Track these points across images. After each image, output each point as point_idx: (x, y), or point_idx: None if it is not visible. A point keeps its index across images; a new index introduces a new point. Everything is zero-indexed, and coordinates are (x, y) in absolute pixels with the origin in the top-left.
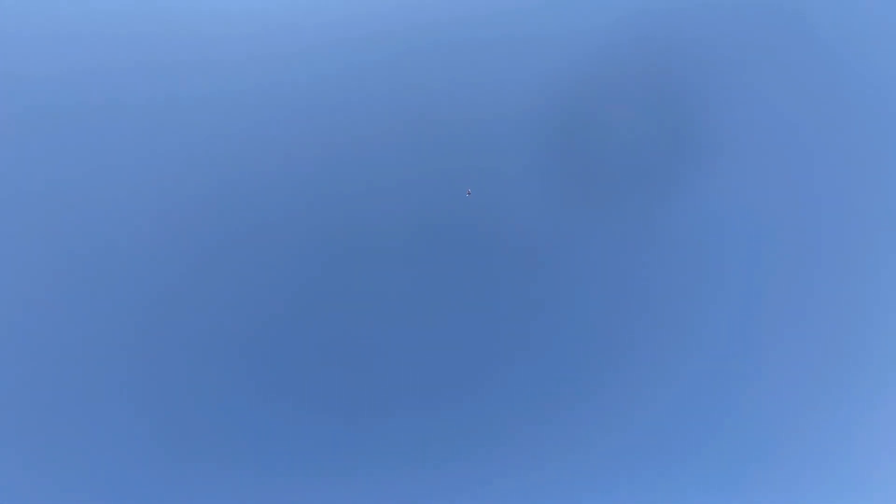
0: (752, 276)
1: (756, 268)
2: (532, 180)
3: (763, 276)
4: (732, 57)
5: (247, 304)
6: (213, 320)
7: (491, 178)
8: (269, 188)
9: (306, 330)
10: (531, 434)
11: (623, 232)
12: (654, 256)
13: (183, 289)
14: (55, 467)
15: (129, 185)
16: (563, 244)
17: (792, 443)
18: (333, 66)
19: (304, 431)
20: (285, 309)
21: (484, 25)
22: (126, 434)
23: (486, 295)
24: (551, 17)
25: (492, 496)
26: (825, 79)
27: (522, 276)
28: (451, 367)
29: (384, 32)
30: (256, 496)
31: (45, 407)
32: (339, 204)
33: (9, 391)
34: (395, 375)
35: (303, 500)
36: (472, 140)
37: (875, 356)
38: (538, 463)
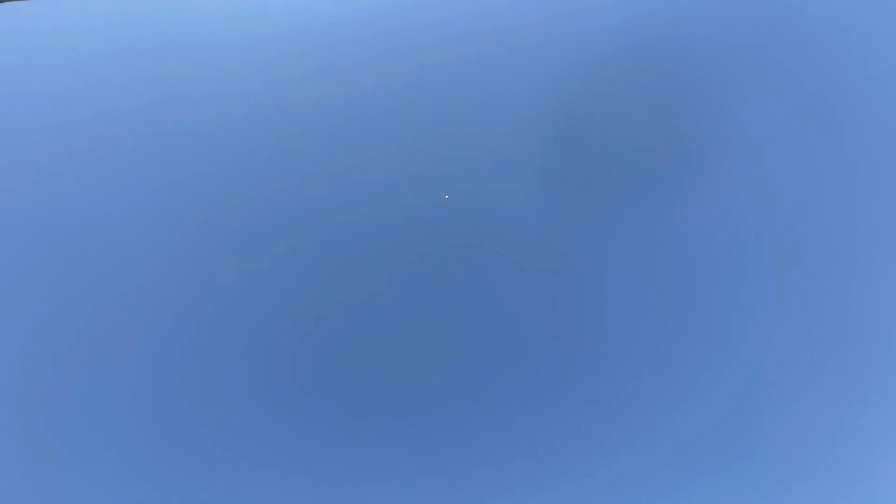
0: (759, 278)
1: (763, 269)
2: (534, 184)
3: (769, 279)
4: (735, 58)
5: (255, 309)
6: (219, 323)
7: (490, 182)
8: (272, 190)
9: (314, 334)
10: (535, 440)
11: (627, 235)
12: (660, 259)
13: (187, 290)
14: (60, 468)
15: (130, 190)
16: (567, 247)
17: (813, 449)
18: (331, 68)
19: (310, 434)
20: (295, 312)
21: (482, 27)
22: (126, 435)
23: (488, 299)
24: (551, 19)
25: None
26: (829, 79)
27: (525, 279)
28: (454, 372)
29: (380, 34)
30: (262, 498)
31: (51, 406)
32: (340, 207)
33: (10, 392)
34: (401, 381)
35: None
36: (473, 144)
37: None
38: (543, 471)
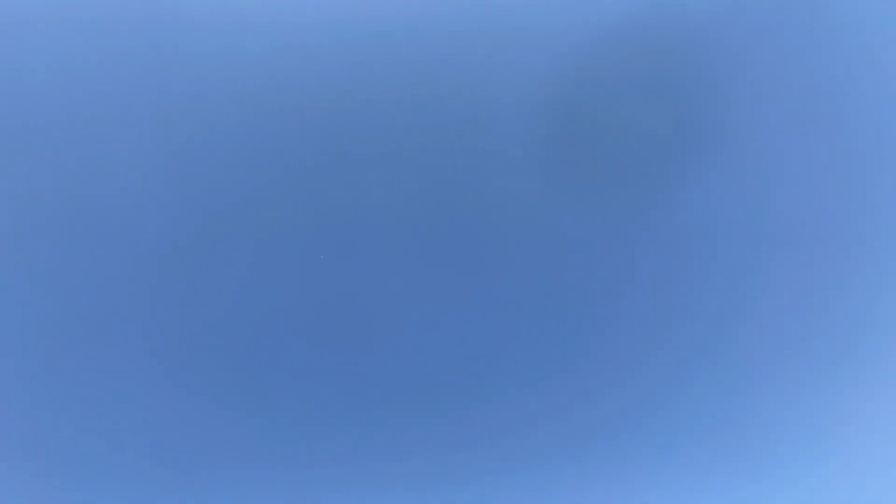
0: (755, 275)
1: (759, 265)
2: (531, 174)
3: (766, 275)
4: (739, 48)
5: (246, 303)
6: (211, 319)
7: (487, 172)
8: (265, 182)
9: (306, 329)
10: (526, 434)
11: (625, 227)
12: (656, 252)
13: (179, 286)
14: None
15: (129, 183)
16: (563, 240)
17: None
18: (325, 59)
19: (310, 435)
20: (286, 306)
21: (482, 15)
22: (117, 434)
23: (480, 290)
24: (552, 7)
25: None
26: (834, 73)
27: (520, 271)
28: (445, 366)
29: (377, 23)
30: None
31: (49, 405)
32: (334, 199)
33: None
34: (392, 375)
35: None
36: (470, 132)
37: (886, 357)
38: (532, 465)
